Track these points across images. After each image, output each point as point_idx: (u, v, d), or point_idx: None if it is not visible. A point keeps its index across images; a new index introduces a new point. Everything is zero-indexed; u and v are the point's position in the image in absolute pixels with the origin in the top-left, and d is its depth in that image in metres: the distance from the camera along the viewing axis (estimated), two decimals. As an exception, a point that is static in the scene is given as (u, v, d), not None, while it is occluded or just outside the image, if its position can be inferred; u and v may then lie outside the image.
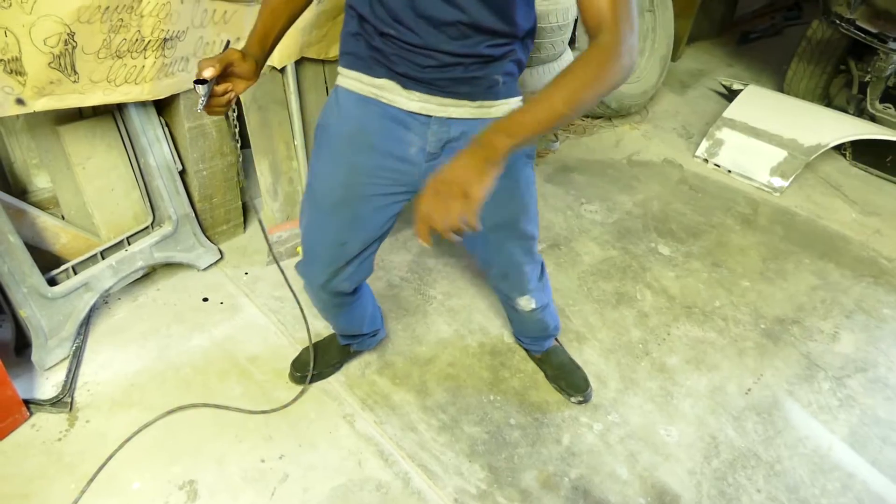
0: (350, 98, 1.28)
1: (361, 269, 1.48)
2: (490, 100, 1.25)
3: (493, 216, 1.35)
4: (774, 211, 2.96)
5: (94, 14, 1.55)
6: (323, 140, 1.35)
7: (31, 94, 1.58)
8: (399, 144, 1.27)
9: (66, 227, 1.93)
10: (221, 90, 1.17)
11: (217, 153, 2.07)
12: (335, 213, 1.36)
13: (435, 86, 1.20)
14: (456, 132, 1.26)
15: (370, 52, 1.21)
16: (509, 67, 1.23)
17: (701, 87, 4.06)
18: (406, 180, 1.33)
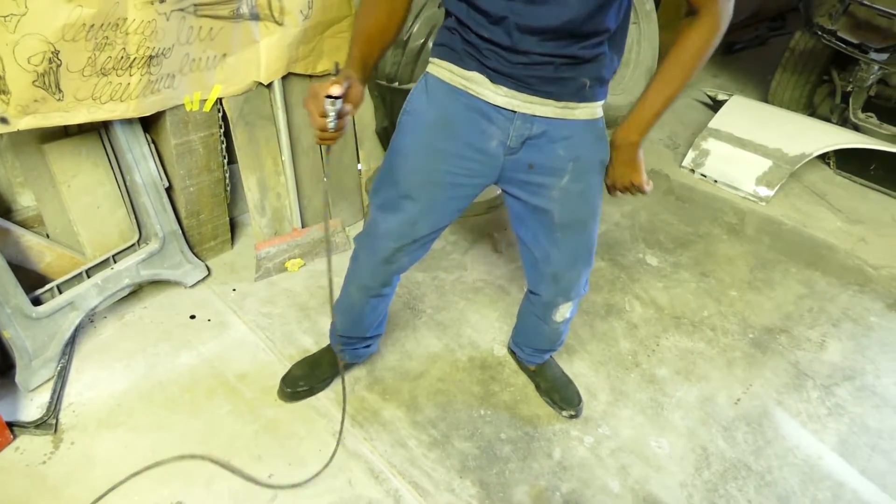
0: (439, 86, 1.32)
1: (423, 249, 1.53)
2: (575, 101, 1.27)
3: (566, 215, 1.41)
4: (761, 220, 2.98)
5: (79, 32, 1.54)
6: (408, 124, 1.38)
7: (15, 112, 1.57)
8: (481, 136, 1.31)
9: (51, 246, 1.91)
10: (344, 112, 1.14)
11: (204, 169, 2.06)
12: (412, 195, 1.39)
13: (523, 82, 1.23)
14: (538, 130, 1.29)
15: (464, 46, 1.26)
16: (597, 72, 1.26)
17: (686, 98, 4.09)
18: (483, 171, 1.37)
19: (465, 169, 1.35)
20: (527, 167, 1.34)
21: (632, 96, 3.49)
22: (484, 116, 1.29)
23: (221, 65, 1.91)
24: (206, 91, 1.93)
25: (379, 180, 1.46)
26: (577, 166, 1.34)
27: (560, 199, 1.38)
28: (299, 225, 2.27)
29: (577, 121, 1.30)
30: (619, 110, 3.39)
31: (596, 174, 1.39)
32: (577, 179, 1.36)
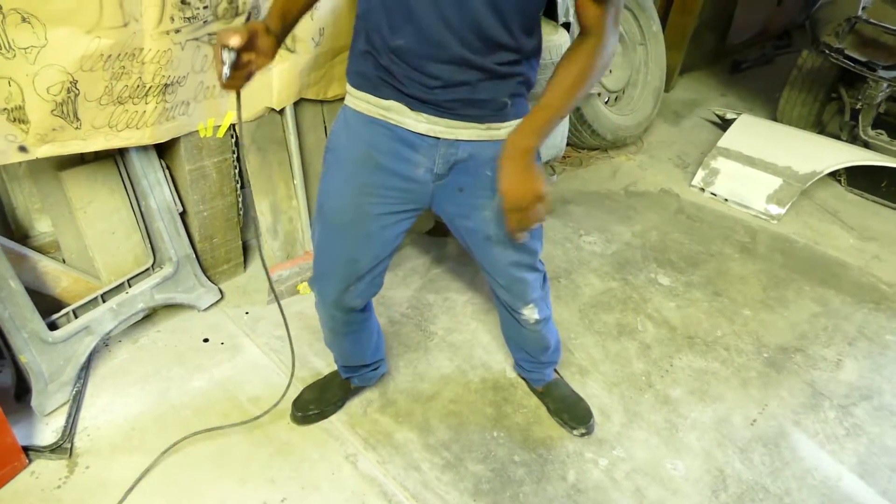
0: (358, 119, 1.31)
1: (373, 284, 1.51)
2: (498, 122, 1.27)
3: (501, 231, 1.39)
4: (773, 238, 2.97)
5: (97, 62, 1.58)
6: (332, 161, 1.38)
7: (34, 141, 1.60)
8: (407, 165, 1.30)
9: (67, 271, 1.94)
10: (245, 61, 1.17)
11: (217, 194, 2.09)
12: (346, 231, 1.39)
13: (443, 107, 1.22)
14: (464, 154, 1.29)
15: (378, 73, 1.23)
16: (517, 88, 1.25)
17: (695, 117, 4.11)
18: (414, 198, 1.36)
19: (395, 199, 1.34)
20: (457, 191, 1.34)
21: (640, 116, 3.52)
22: (407, 145, 1.27)
23: (235, 91, 1.94)
24: (220, 117, 1.96)
25: (314, 222, 1.47)
26: None
27: (493, 218, 1.37)
28: (310, 248, 2.28)
29: (503, 140, 1.25)
30: (628, 130, 3.41)
31: None
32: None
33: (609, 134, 3.25)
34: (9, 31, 1.44)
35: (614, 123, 3.27)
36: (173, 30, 1.67)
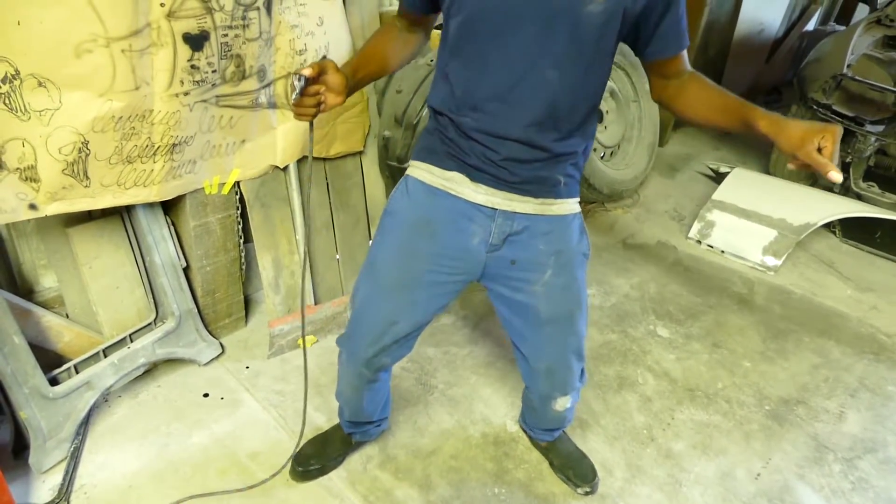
0: (419, 187, 1.37)
1: (406, 347, 1.53)
2: (552, 198, 1.34)
3: (551, 309, 1.42)
4: (770, 290, 2.99)
5: (108, 124, 1.64)
6: (389, 224, 1.42)
7: (44, 199, 1.65)
8: (462, 235, 1.35)
9: (70, 326, 1.96)
10: (314, 91, 1.24)
11: (221, 249, 2.12)
12: (393, 294, 1.41)
13: (502, 180, 1.29)
14: (519, 226, 1.34)
15: (445, 146, 1.32)
16: (570, 170, 1.34)
17: (689, 171, 4.19)
18: (465, 269, 1.39)
19: (447, 268, 1.38)
20: (509, 263, 1.37)
21: (636, 170, 3.58)
22: (465, 216, 1.33)
23: (240, 150, 2.00)
24: (225, 175, 2.01)
25: (359, 280, 1.49)
26: (558, 260, 1.38)
27: (544, 293, 1.40)
28: (312, 302, 2.30)
29: (556, 216, 1.35)
30: (624, 184, 3.47)
31: (579, 267, 1.42)
32: (559, 273, 1.39)
33: (606, 188, 3.31)
34: (25, 94, 1.51)
35: (610, 178, 3.34)
36: (182, 92, 1.73)
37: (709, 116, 1.26)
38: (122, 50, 1.56)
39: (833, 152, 1.05)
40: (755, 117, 1.14)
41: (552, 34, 1.16)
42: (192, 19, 1.66)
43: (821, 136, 1.05)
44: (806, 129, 1.07)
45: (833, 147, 1.05)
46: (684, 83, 1.29)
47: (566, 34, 1.16)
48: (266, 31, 1.86)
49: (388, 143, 2.40)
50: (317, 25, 2.02)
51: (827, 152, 1.05)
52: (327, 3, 2.03)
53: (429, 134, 1.38)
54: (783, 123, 1.10)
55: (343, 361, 1.60)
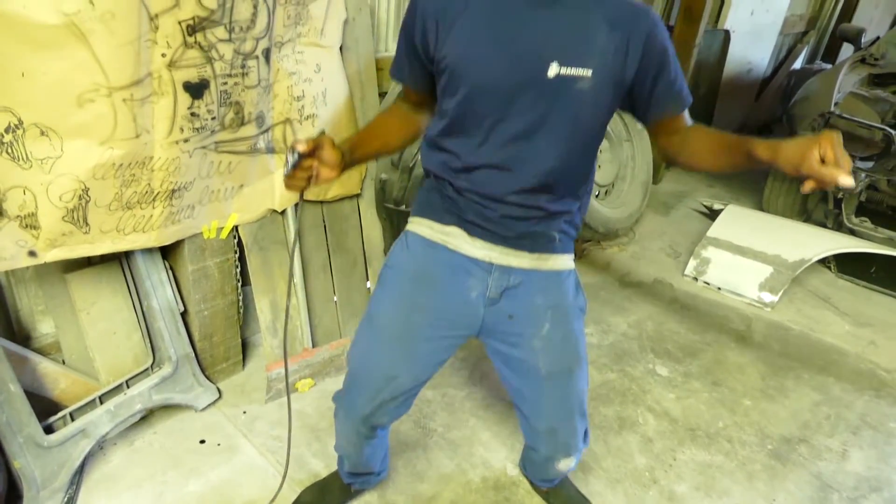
0: (418, 242, 1.40)
1: (404, 405, 1.51)
2: (548, 253, 1.36)
3: (549, 364, 1.42)
4: (768, 326, 2.99)
5: (109, 171, 1.65)
6: (389, 277, 1.44)
7: (44, 246, 1.66)
8: (461, 289, 1.36)
9: (67, 372, 1.94)
10: (307, 165, 1.25)
11: (218, 293, 2.13)
12: (391, 347, 1.41)
13: (499, 235, 1.32)
14: (516, 280, 1.36)
15: (443, 203, 1.36)
16: (565, 227, 1.37)
17: (684, 208, 4.23)
18: (464, 323, 1.40)
19: (446, 321, 1.39)
20: (507, 318, 1.38)
21: (630, 209, 3.62)
22: (463, 270, 1.35)
23: (238, 195, 2.02)
24: (224, 219, 2.03)
25: (358, 334, 1.49)
26: (555, 314, 1.39)
27: (542, 348, 1.40)
28: (310, 345, 2.30)
29: (551, 271, 1.37)
30: (619, 222, 3.50)
31: (576, 320, 1.42)
32: (557, 326, 1.39)
33: (601, 226, 3.33)
34: (28, 143, 1.53)
35: (605, 216, 3.37)
36: (182, 139, 1.76)
37: (715, 161, 1.27)
38: (123, 99, 1.59)
39: (837, 157, 1.00)
40: (754, 147, 1.14)
41: (546, 110, 1.21)
42: (193, 68, 1.70)
43: (818, 147, 1.01)
44: (801, 143, 1.04)
45: (834, 153, 1.00)
46: (687, 136, 1.32)
47: (559, 110, 1.21)
48: (264, 79, 1.90)
49: (384, 186, 2.43)
50: (314, 72, 2.07)
51: (829, 159, 1.00)
52: (324, 50, 2.08)
53: (427, 191, 1.41)
54: (779, 145, 1.09)
55: (340, 418, 1.58)
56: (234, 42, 1.75)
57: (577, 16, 1.18)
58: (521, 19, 1.19)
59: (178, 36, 1.62)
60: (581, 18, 1.18)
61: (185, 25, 1.62)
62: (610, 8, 1.19)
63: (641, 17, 1.21)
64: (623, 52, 1.19)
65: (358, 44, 2.24)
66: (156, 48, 1.60)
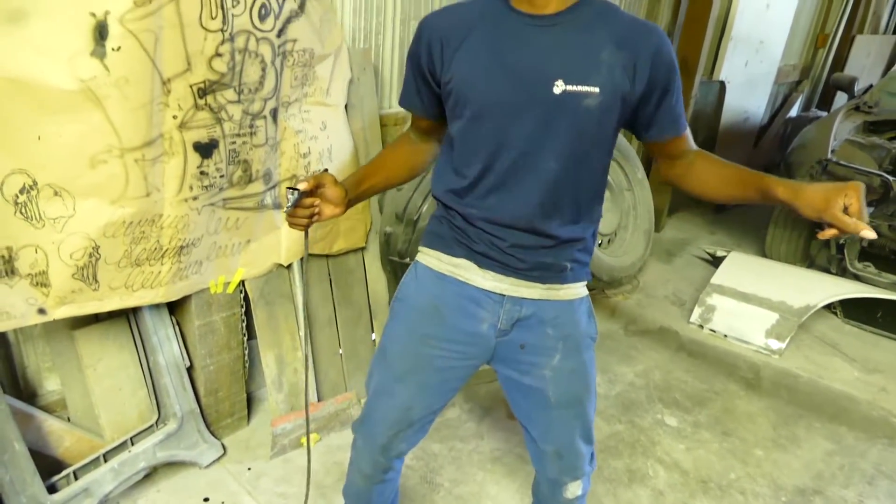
0: (427, 273, 1.40)
1: (421, 430, 1.51)
2: (559, 283, 1.35)
3: (559, 393, 1.41)
4: (776, 373, 2.97)
5: (119, 229, 1.69)
6: (399, 310, 1.45)
7: (53, 303, 1.68)
8: (471, 320, 1.36)
9: (71, 430, 1.93)
10: (308, 203, 1.27)
11: (224, 348, 2.13)
12: (405, 379, 1.41)
13: (509, 266, 1.32)
14: (527, 311, 1.35)
15: (452, 233, 1.36)
16: (577, 255, 1.36)
17: (686, 255, 4.24)
18: (475, 353, 1.40)
19: (457, 353, 1.39)
20: (518, 347, 1.38)
21: (634, 257, 3.64)
22: (473, 301, 1.35)
23: (245, 250, 2.05)
24: (230, 274, 2.05)
25: (372, 366, 1.50)
26: (566, 344, 1.38)
27: (553, 378, 1.40)
28: (315, 399, 2.29)
29: (563, 301, 1.37)
30: (623, 271, 3.51)
31: (587, 350, 1.42)
32: (568, 357, 1.39)
33: (605, 275, 3.35)
34: (41, 203, 1.57)
35: (609, 265, 3.39)
36: (191, 197, 1.80)
37: (723, 191, 1.27)
38: (135, 160, 1.64)
39: (860, 209, 1.00)
40: (772, 185, 1.13)
41: (552, 128, 1.22)
42: (203, 129, 1.75)
43: (844, 196, 1.01)
44: (828, 189, 1.03)
45: (860, 204, 1.00)
46: (692, 162, 1.33)
47: (565, 128, 1.21)
48: (272, 137, 1.96)
49: (389, 239, 2.46)
50: (320, 130, 2.12)
51: (854, 210, 1.00)
52: (330, 109, 2.14)
53: (437, 220, 1.42)
54: (802, 188, 1.08)
55: (358, 447, 1.57)
56: (243, 103, 1.81)
57: (581, 35, 1.20)
58: (524, 40, 1.21)
59: (190, 98, 1.68)
60: (585, 38, 1.20)
61: (196, 88, 1.68)
62: (615, 26, 1.21)
63: (648, 35, 1.21)
64: (631, 70, 1.19)
65: (362, 102, 2.31)
66: (167, 110, 1.65)
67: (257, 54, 1.79)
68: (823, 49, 6.46)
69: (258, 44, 1.77)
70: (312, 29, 1.96)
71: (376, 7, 2.40)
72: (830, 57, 6.45)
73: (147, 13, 1.50)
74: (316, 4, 1.95)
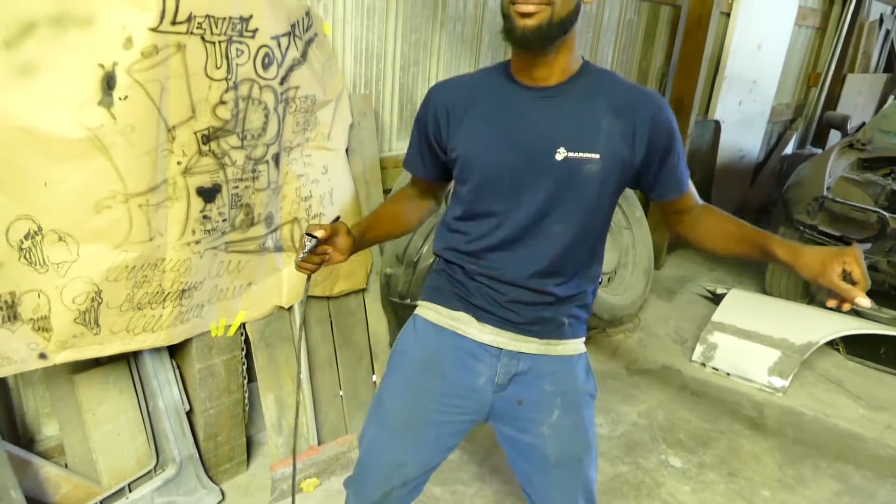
0: (426, 326, 1.42)
1: (415, 491, 1.48)
2: (556, 339, 1.37)
3: (558, 451, 1.39)
4: (780, 412, 2.94)
5: (122, 273, 1.70)
6: (397, 362, 1.45)
7: (55, 348, 1.68)
8: (469, 374, 1.37)
9: (69, 476, 1.91)
10: (321, 250, 1.30)
11: (224, 391, 2.12)
12: (400, 434, 1.41)
13: (507, 321, 1.34)
14: (524, 366, 1.36)
15: (452, 287, 1.39)
16: (575, 311, 1.38)
17: (687, 293, 4.24)
18: (472, 408, 1.40)
19: (454, 407, 1.39)
20: (516, 403, 1.38)
21: (634, 295, 3.64)
22: (471, 355, 1.36)
23: (247, 293, 2.06)
24: (232, 317, 2.06)
25: (368, 419, 1.49)
26: (565, 401, 1.38)
27: (551, 435, 1.38)
28: (315, 442, 2.26)
29: (561, 357, 1.37)
30: (623, 309, 3.51)
31: (586, 407, 1.41)
32: (566, 414, 1.38)
33: (606, 314, 3.35)
34: (45, 248, 1.59)
35: (609, 303, 3.39)
36: (194, 241, 1.82)
37: (726, 246, 1.30)
38: (139, 205, 1.66)
39: (861, 275, 1.02)
40: (773, 245, 1.17)
41: (555, 194, 1.26)
42: (206, 174, 1.78)
43: (842, 262, 1.03)
44: (826, 255, 1.06)
45: (860, 270, 1.02)
46: (698, 217, 1.36)
47: (568, 193, 1.26)
48: (274, 181, 1.99)
49: (389, 281, 2.47)
50: (321, 173, 2.16)
51: (856, 276, 1.03)
52: (331, 153, 2.18)
53: (437, 274, 1.45)
54: (801, 251, 1.11)
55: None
56: (246, 148, 1.85)
57: (581, 105, 1.25)
58: (526, 112, 1.26)
59: (194, 145, 1.71)
60: (584, 107, 1.25)
61: (201, 135, 1.72)
62: (614, 95, 1.25)
63: (646, 102, 1.26)
64: (630, 137, 1.23)
65: (363, 145, 2.35)
66: (172, 156, 1.69)
67: (260, 101, 1.83)
68: (816, 88, 6.58)
69: (261, 91, 1.82)
70: (314, 76, 2.01)
71: (377, 54, 2.46)
72: (823, 95, 6.57)
73: (154, 64, 1.54)
74: (318, 53, 2.00)
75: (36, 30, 1.43)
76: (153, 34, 1.52)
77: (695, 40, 4.13)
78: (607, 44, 3.74)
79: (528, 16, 1.15)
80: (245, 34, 1.72)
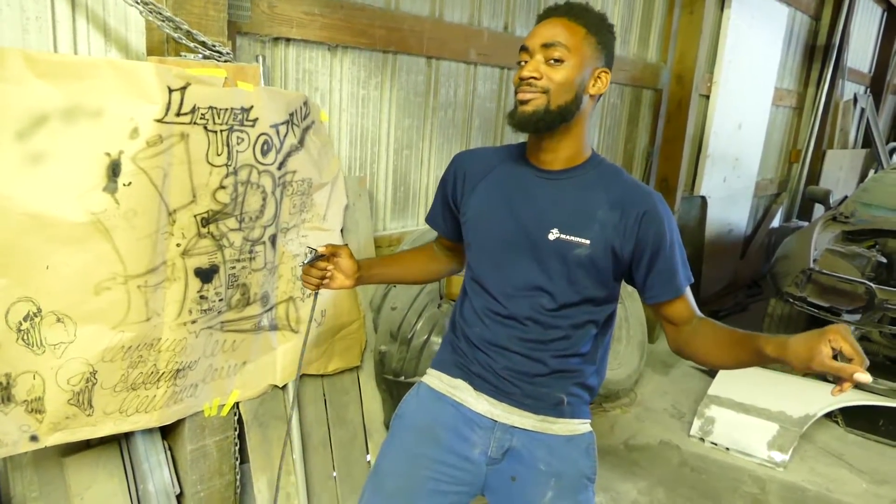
0: (429, 393, 1.46)
1: None
2: (554, 416, 1.37)
3: None
4: (783, 488, 2.89)
5: (118, 353, 1.72)
6: (397, 427, 1.47)
7: (47, 430, 1.67)
8: (464, 443, 1.38)
9: (53, 566, 1.86)
10: (321, 265, 1.37)
11: (216, 473, 2.09)
12: (395, 499, 1.39)
13: (503, 391, 1.36)
14: (518, 442, 1.36)
15: (454, 356, 1.44)
16: (575, 389, 1.38)
17: (683, 366, 4.23)
18: (467, 479, 1.39)
19: (449, 476, 1.38)
20: (509, 480, 1.37)
21: (629, 369, 3.64)
22: (467, 423, 1.38)
23: (241, 371, 2.07)
24: (225, 397, 2.06)
25: (365, 486, 1.49)
26: (559, 483, 1.35)
27: None
28: (308, 525, 2.21)
29: (558, 436, 1.37)
30: (620, 384, 3.50)
31: (582, 492, 1.38)
32: (560, 497, 1.35)
33: (602, 388, 3.33)
34: (43, 330, 1.61)
35: (605, 378, 3.38)
36: (190, 321, 1.85)
37: (721, 355, 1.27)
38: (138, 286, 1.70)
39: (852, 350, 0.98)
40: (762, 345, 1.14)
41: (545, 269, 1.32)
42: (205, 255, 1.83)
43: (827, 341, 1.00)
44: (810, 339, 1.03)
45: (849, 344, 0.99)
46: (695, 328, 1.32)
47: (557, 271, 1.31)
48: (270, 262, 2.04)
49: (384, 358, 2.48)
50: (317, 253, 2.21)
51: (847, 351, 0.99)
52: (326, 233, 2.24)
53: (445, 343, 1.51)
54: (787, 343, 1.08)
55: None
56: (244, 230, 1.91)
57: (581, 193, 1.32)
58: (530, 190, 1.34)
59: (193, 227, 1.77)
60: (584, 195, 1.32)
61: (200, 218, 1.78)
62: (614, 189, 1.32)
63: (642, 198, 1.30)
64: (622, 229, 1.28)
65: (358, 226, 2.42)
66: (172, 239, 1.74)
67: (259, 185, 1.90)
68: (798, 163, 6.79)
69: (260, 176, 1.90)
70: (311, 161, 2.09)
71: (371, 139, 2.58)
72: (805, 170, 6.77)
73: (158, 152, 1.62)
74: (315, 139, 2.10)
75: (48, 122, 1.50)
76: (158, 125, 1.60)
77: (676, 122, 4.31)
78: (592, 127, 3.90)
79: (525, 102, 1.26)
80: (245, 123, 1.81)
